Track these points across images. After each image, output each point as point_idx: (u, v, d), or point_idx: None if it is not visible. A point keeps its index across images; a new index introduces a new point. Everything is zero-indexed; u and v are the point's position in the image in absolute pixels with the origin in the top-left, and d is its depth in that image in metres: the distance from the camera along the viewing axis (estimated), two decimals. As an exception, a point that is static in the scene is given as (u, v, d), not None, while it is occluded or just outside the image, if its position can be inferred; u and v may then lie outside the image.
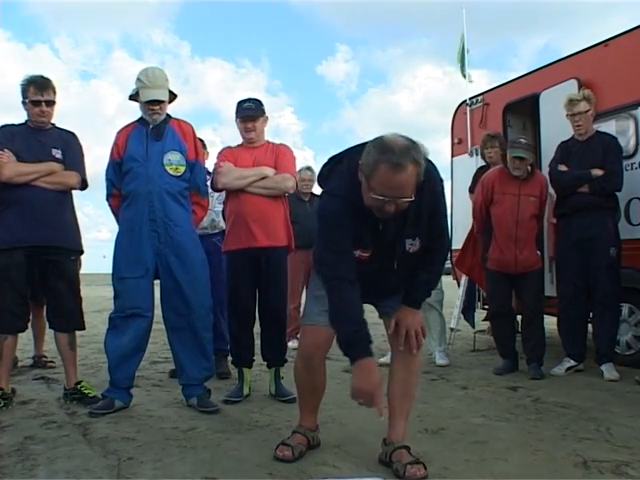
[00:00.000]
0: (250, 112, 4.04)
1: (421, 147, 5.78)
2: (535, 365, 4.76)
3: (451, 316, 6.12)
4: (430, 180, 2.44)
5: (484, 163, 5.77)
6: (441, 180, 2.59)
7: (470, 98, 6.92)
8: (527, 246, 4.82)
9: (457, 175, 7.01)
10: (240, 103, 4.09)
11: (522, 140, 4.92)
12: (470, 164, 6.51)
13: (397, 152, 2.23)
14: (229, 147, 4.19)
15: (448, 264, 7.92)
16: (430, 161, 2.46)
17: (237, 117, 4.08)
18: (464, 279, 6.10)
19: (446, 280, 5.44)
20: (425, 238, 2.53)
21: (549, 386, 4.36)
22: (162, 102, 3.74)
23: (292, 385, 3.13)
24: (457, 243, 5.94)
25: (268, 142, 4.13)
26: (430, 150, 5.91)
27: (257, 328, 4.04)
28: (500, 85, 6.67)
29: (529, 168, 4.88)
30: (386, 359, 5.25)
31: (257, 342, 4.09)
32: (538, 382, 4.51)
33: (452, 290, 6.59)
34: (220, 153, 4.13)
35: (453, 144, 7.20)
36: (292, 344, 5.20)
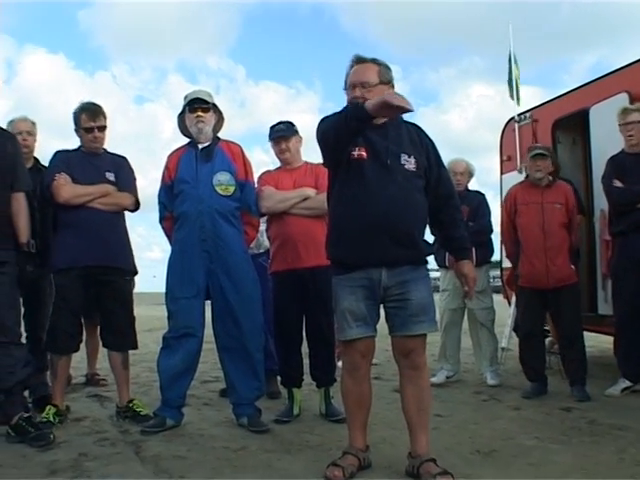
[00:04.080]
0: (281, 133, 4.10)
1: (468, 165, 5.78)
2: (579, 387, 4.58)
3: (502, 335, 6.03)
4: (419, 127, 3.02)
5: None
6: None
7: (518, 115, 6.84)
8: (559, 256, 4.66)
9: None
10: (272, 127, 4.17)
11: (538, 145, 5.15)
12: (519, 181, 6.41)
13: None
14: (268, 171, 4.23)
15: (499, 282, 7.82)
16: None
17: (270, 139, 4.15)
18: (515, 298, 6.00)
19: (497, 299, 5.35)
20: (423, 166, 2.91)
21: (604, 407, 4.23)
22: (207, 110, 3.83)
23: (342, 405, 3.13)
24: (507, 262, 5.84)
25: (306, 163, 4.16)
26: (481, 168, 5.91)
27: (306, 347, 4.05)
28: (549, 101, 6.58)
29: (550, 177, 4.82)
30: (436, 379, 5.19)
31: (306, 361, 4.09)
32: (592, 403, 4.37)
33: (503, 309, 6.49)
34: (260, 177, 4.16)
35: (502, 161, 7.11)
36: (341, 364, 5.16)
